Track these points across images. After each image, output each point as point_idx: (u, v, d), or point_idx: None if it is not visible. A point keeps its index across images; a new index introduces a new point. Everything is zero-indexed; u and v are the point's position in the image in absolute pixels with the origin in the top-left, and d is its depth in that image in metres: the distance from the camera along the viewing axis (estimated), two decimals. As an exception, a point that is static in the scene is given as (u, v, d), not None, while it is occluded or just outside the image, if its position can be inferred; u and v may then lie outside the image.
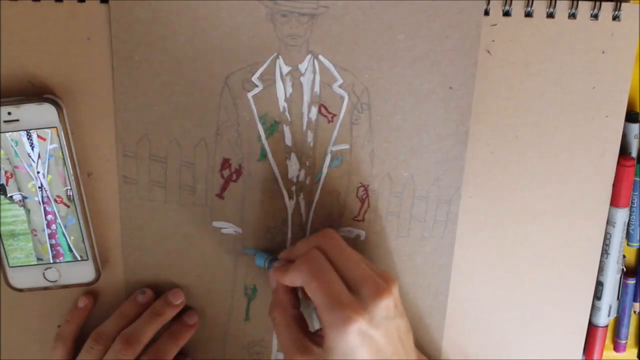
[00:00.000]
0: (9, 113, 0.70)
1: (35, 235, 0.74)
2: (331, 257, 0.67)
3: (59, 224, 0.74)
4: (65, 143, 0.71)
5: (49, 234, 0.74)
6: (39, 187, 0.73)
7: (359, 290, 0.66)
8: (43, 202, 0.73)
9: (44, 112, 0.70)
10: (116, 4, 0.69)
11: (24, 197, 0.73)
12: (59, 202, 0.73)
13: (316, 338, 0.70)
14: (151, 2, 0.70)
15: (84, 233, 0.74)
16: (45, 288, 0.76)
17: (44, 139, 0.71)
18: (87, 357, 0.74)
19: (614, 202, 0.77)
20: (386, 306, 0.65)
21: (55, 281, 0.76)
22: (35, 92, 0.71)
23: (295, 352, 0.69)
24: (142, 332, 0.75)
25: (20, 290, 0.76)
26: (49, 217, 0.74)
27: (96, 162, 0.74)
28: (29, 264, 0.75)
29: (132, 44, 0.71)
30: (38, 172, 0.72)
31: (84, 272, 0.76)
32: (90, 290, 0.78)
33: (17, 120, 0.70)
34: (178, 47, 0.71)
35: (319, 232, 0.70)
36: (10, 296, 0.76)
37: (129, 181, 0.75)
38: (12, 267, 0.75)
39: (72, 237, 0.74)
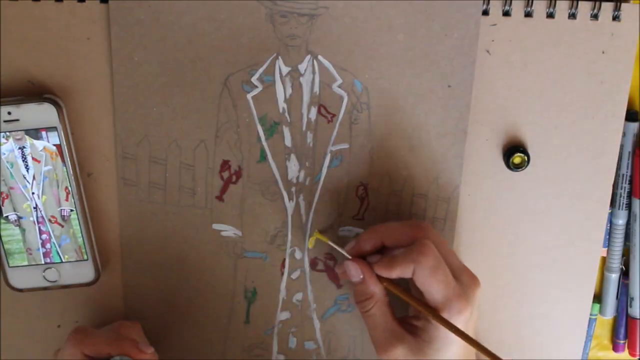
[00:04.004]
0: (9, 113, 0.70)
1: (30, 254, 0.75)
2: (439, 249, 0.69)
3: (54, 243, 0.75)
4: (65, 143, 0.71)
5: (43, 253, 0.75)
6: (34, 208, 0.73)
7: (460, 278, 0.70)
8: (38, 222, 0.74)
9: (44, 112, 0.70)
10: (115, 5, 0.70)
11: (19, 217, 0.74)
12: (53, 222, 0.74)
13: (406, 326, 0.72)
14: (150, 3, 0.70)
15: (84, 233, 0.74)
16: (45, 288, 0.76)
17: (39, 161, 0.72)
18: None
19: (636, 193, 0.77)
20: (478, 294, 0.71)
21: (55, 281, 0.76)
22: (35, 92, 0.72)
23: (394, 341, 0.70)
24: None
25: (20, 290, 0.76)
26: (44, 236, 0.74)
27: (96, 162, 0.74)
28: (29, 264, 0.75)
29: (132, 45, 0.71)
30: (33, 193, 0.73)
31: (84, 272, 0.76)
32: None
33: (17, 120, 0.70)
34: (177, 48, 0.71)
35: (411, 222, 0.72)
36: (10, 296, 0.76)
37: (128, 183, 0.75)
38: (12, 267, 0.75)
39: (66, 256, 0.75)
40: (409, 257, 0.68)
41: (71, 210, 0.73)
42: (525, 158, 0.74)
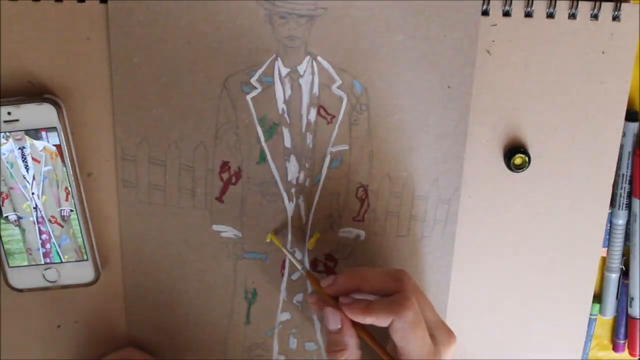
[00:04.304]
0: (9, 113, 0.70)
1: (30, 254, 0.75)
2: (418, 301, 0.68)
3: (54, 243, 0.75)
4: (65, 143, 0.71)
5: (43, 253, 0.75)
6: (34, 208, 0.74)
7: (435, 335, 0.69)
8: (38, 222, 0.74)
9: (43, 112, 0.70)
10: (114, 6, 0.70)
11: (19, 217, 0.74)
12: (53, 222, 0.74)
13: None
14: (149, 4, 0.70)
15: (84, 233, 0.74)
16: (45, 288, 0.76)
17: (39, 161, 0.72)
18: None
19: (636, 193, 0.77)
20: (452, 350, 0.70)
21: (55, 281, 0.76)
22: (35, 92, 0.72)
23: None
24: None
25: (20, 290, 0.76)
26: (44, 236, 0.74)
27: (96, 162, 0.74)
28: (29, 264, 0.75)
29: (131, 46, 0.71)
30: (33, 193, 0.73)
31: (84, 273, 0.76)
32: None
33: (17, 120, 0.70)
34: (177, 49, 0.71)
35: (391, 271, 0.71)
36: (10, 296, 0.77)
37: (128, 185, 0.75)
38: (12, 267, 0.75)
39: (66, 256, 0.75)
40: (390, 308, 0.66)
41: (71, 211, 0.73)
42: (526, 159, 0.74)
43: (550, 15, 0.71)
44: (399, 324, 0.66)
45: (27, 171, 0.72)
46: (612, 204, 0.77)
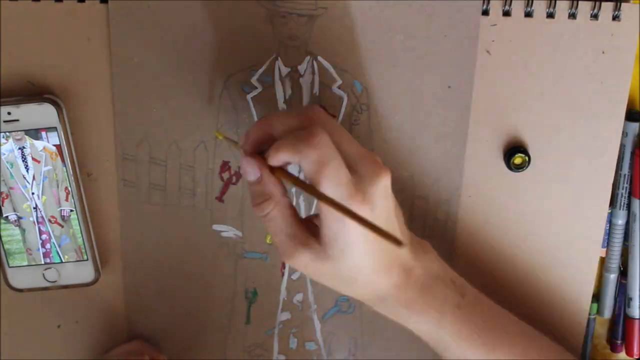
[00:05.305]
0: (9, 113, 0.70)
1: (30, 254, 0.75)
2: (333, 136, 0.61)
3: (54, 243, 0.75)
4: (65, 143, 0.71)
5: (43, 253, 0.75)
6: (34, 208, 0.74)
7: (357, 169, 0.61)
8: (38, 222, 0.74)
9: (43, 112, 0.70)
10: (115, 6, 0.70)
11: (19, 217, 0.74)
12: (53, 222, 0.74)
13: (312, 228, 0.64)
14: (150, 4, 0.70)
15: (84, 233, 0.74)
16: (45, 288, 0.76)
17: (39, 161, 0.72)
18: None
19: (636, 193, 0.77)
20: (385, 186, 0.62)
21: (55, 281, 0.76)
22: (35, 92, 0.72)
23: (298, 246, 0.63)
24: None
25: (20, 290, 0.76)
26: (44, 236, 0.75)
27: (96, 162, 0.75)
28: (29, 264, 0.75)
29: (132, 46, 0.71)
30: (33, 194, 0.73)
31: (84, 273, 0.76)
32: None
33: (17, 120, 0.70)
34: (177, 49, 0.71)
35: (301, 108, 0.67)
36: (10, 296, 0.77)
37: (128, 184, 0.75)
38: (12, 267, 0.75)
39: (66, 256, 0.75)
40: (295, 146, 0.60)
41: (71, 211, 0.73)
42: (526, 159, 0.74)
43: (550, 15, 0.71)
44: (305, 163, 0.59)
45: (27, 171, 0.72)
46: (612, 204, 0.77)
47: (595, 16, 0.71)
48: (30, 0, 0.70)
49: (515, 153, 0.74)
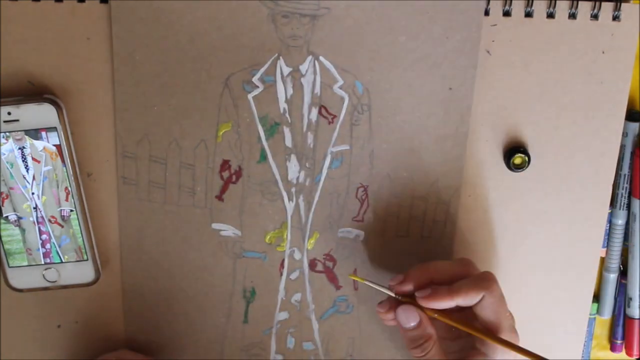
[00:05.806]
0: (9, 113, 0.70)
1: (30, 254, 0.75)
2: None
3: (54, 243, 0.75)
4: (65, 143, 0.71)
5: (43, 253, 0.75)
6: (34, 208, 0.73)
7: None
8: (38, 222, 0.74)
9: (43, 112, 0.70)
10: (117, 4, 0.69)
11: (19, 217, 0.74)
12: (53, 222, 0.74)
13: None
14: (152, 3, 0.70)
15: (83, 233, 0.74)
16: (45, 288, 0.76)
17: (39, 161, 0.72)
18: None
19: (636, 193, 0.77)
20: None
21: (55, 281, 0.75)
22: (35, 92, 0.71)
23: None
24: None
25: (20, 290, 0.76)
26: (44, 236, 0.74)
27: (96, 162, 0.74)
28: (29, 264, 0.75)
29: (133, 44, 0.71)
30: (33, 194, 0.73)
31: (84, 273, 0.75)
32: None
33: (17, 120, 0.70)
34: (179, 47, 0.71)
35: (461, 259, 0.73)
36: (10, 296, 0.76)
37: (128, 182, 0.75)
38: (12, 267, 0.75)
39: (66, 256, 0.75)
40: (480, 284, 0.68)
41: (71, 211, 0.73)
42: (526, 158, 0.74)
43: (550, 15, 0.72)
44: (490, 298, 0.68)
45: (27, 171, 0.72)
46: (612, 204, 0.78)
47: (595, 16, 0.71)
48: (30, 0, 0.69)
49: (515, 153, 0.74)
